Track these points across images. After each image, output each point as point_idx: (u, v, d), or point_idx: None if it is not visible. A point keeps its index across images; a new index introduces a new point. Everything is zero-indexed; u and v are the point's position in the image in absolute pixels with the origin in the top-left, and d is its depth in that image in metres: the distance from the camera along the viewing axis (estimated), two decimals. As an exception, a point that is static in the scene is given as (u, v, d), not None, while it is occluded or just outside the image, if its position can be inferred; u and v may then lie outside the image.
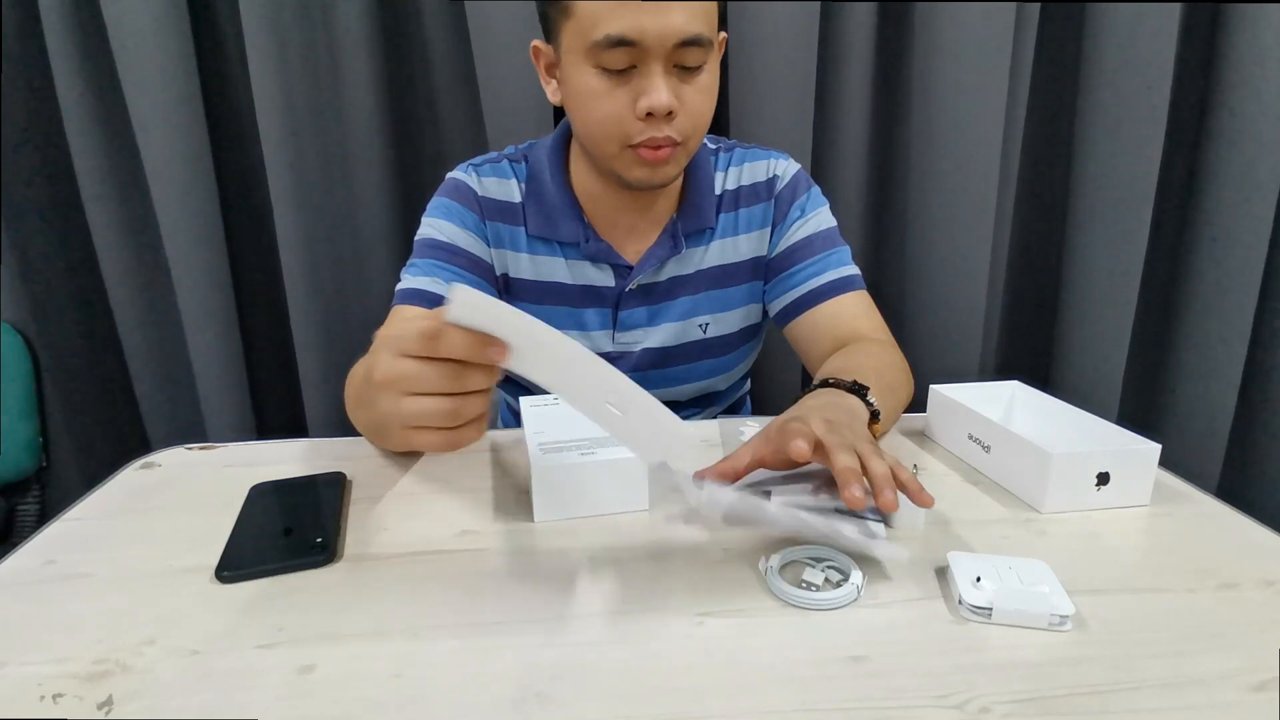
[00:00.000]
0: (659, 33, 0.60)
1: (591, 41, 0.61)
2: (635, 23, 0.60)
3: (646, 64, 0.62)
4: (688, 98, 0.64)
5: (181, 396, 1.23)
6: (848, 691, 0.36)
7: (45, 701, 0.36)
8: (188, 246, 1.11)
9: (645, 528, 0.52)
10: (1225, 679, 0.37)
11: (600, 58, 0.62)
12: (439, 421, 0.41)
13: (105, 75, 1.06)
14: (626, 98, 0.64)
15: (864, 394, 0.59)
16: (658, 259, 0.77)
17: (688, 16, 0.61)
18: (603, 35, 0.60)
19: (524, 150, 0.79)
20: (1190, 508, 0.55)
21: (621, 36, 0.60)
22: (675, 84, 0.64)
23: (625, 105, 0.64)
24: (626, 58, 0.62)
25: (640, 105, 0.63)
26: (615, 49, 0.61)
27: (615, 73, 0.63)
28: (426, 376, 0.40)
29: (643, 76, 0.63)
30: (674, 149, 0.66)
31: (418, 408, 0.41)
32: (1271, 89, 1.14)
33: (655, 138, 0.65)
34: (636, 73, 0.63)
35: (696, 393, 0.86)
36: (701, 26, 0.62)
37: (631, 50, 0.61)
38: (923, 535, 0.51)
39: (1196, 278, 1.28)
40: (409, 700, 0.36)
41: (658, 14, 0.60)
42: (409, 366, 0.40)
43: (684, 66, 0.63)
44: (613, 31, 0.60)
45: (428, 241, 0.75)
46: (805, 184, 0.81)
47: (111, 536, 0.52)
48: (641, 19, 0.60)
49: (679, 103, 0.64)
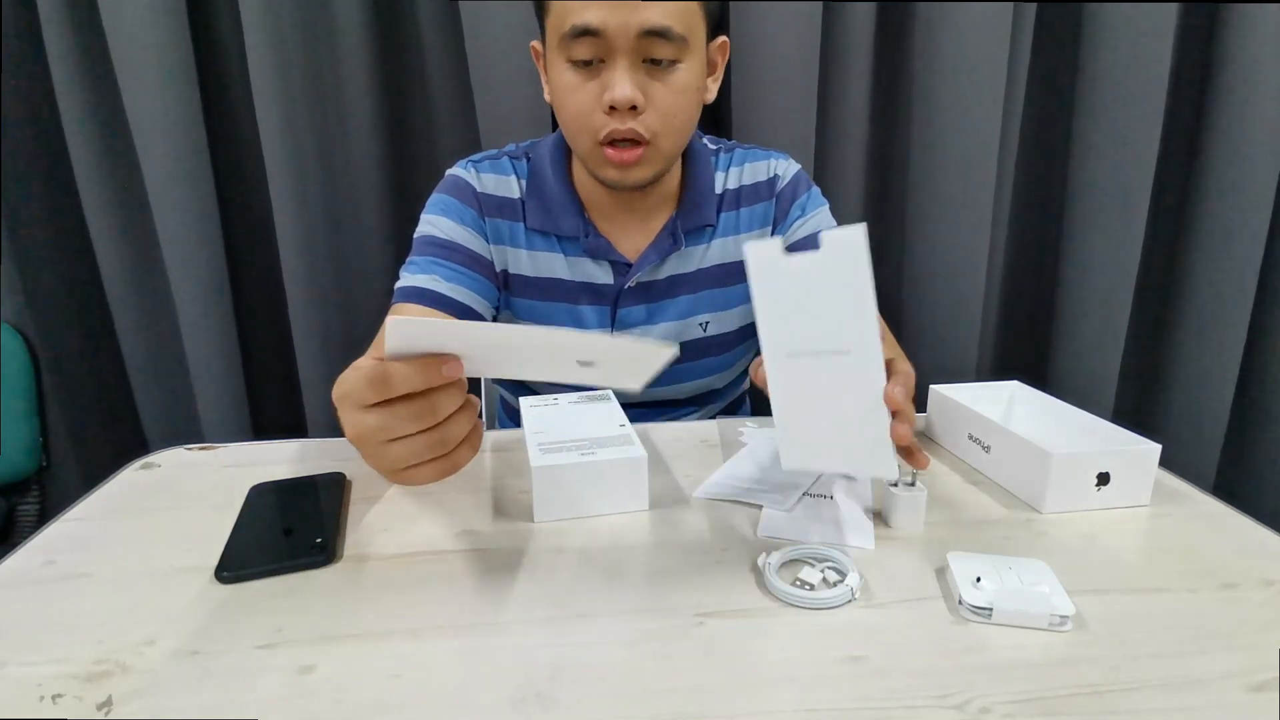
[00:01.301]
0: (621, 22, 0.61)
1: (561, 34, 0.63)
2: (599, 14, 0.61)
3: (612, 57, 0.63)
4: (656, 94, 0.65)
5: (179, 397, 1.23)
6: (848, 691, 0.36)
7: (45, 702, 0.36)
8: (186, 246, 1.11)
9: (645, 528, 0.52)
10: (1225, 679, 0.37)
11: (570, 50, 0.63)
12: (428, 455, 0.40)
13: (104, 76, 1.06)
14: (595, 91, 0.64)
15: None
16: (657, 257, 0.77)
17: (657, 11, 0.61)
18: (569, 26, 0.62)
19: (525, 148, 0.80)
20: (1190, 508, 0.55)
21: (586, 26, 0.61)
22: (643, 79, 0.64)
23: (593, 99, 0.65)
24: (591, 49, 0.63)
25: (604, 98, 0.63)
26: (580, 39, 0.62)
27: (586, 68, 0.64)
28: (394, 422, 0.39)
29: (608, 70, 0.63)
30: (642, 150, 0.66)
31: (401, 451, 0.40)
32: (1268, 90, 1.14)
33: (618, 130, 0.65)
34: (604, 66, 0.64)
35: (695, 391, 0.86)
36: (670, 20, 0.62)
37: (596, 41, 0.62)
38: (923, 535, 0.51)
39: (1193, 278, 1.28)
40: (409, 700, 0.36)
41: (624, 6, 0.60)
42: (373, 419, 0.39)
43: (653, 62, 0.64)
44: (578, 22, 0.61)
45: (427, 239, 0.75)
46: (806, 184, 0.81)
47: (111, 536, 0.51)
48: (605, 11, 0.61)
49: (645, 98, 0.64)
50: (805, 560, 0.47)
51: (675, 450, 0.65)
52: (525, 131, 1.06)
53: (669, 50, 0.63)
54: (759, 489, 0.57)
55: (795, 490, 0.57)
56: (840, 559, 0.46)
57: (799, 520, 0.52)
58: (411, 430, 0.40)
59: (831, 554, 0.47)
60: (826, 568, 0.46)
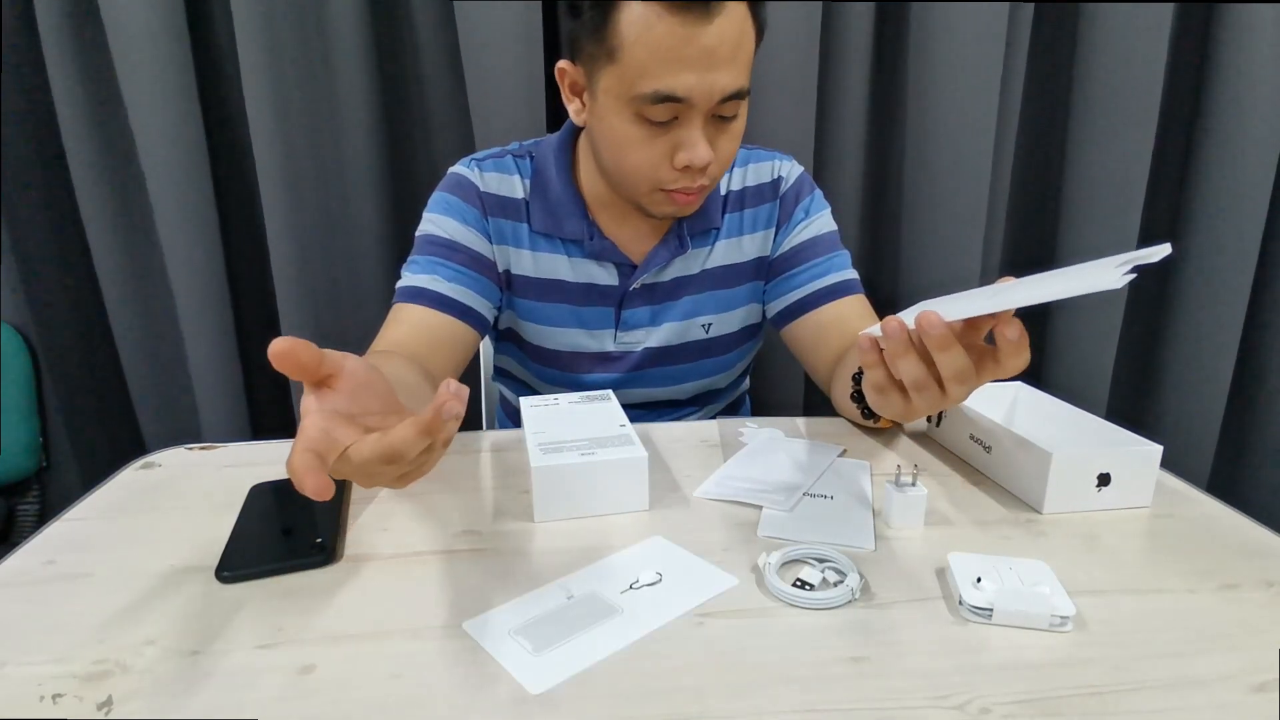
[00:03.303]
0: (706, 91, 0.60)
1: (637, 93, 0.60)
2: (688, 83, 0.59)
3: (689, 118, 0.62)
4: (721, 145, 0.65)
5: (177, 397, 1.23)
6: (848, 691, 0.36)
7: (45, 702, 0.36)
8: (184, 246, 1.11)
9: (645, 528, 0.52)
10: (1225, 680, 0.37)
11: (644, 110, 0.61)
12: (392, 475, 0.36)
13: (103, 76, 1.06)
14: (665, 148, 0.64)
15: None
16: (662, 259, 0.77)
17: (735, 73, 0.60)
18: (651, 90, 0.60)
19: (529, 147, 0.79)
20: (1191, 509, 0.55)
21: (671, 94, 0.60)
22: (712, 133, 0.64)
23: (663, 155, 0.64)
24: (670, 112, 0.61)
25: (679, 158, 0.63)
26: (661, 104, 0.60)
27: (655, 124, 0.62)
28: (383, 475, 0.36)
29: (683, 128, 0.62)
30: (701, 189, 0.67)
31: (377, 480, 0.37)
32: (1263, 90, 1.14)
33: (690, 186, 0.65)
34: (676, 123, 0.62)
35: (696, 391, 0.86)
36: (745, 79, 0.62)
37: (676, 105, 0.61)
38: (923, 535, 0.51)
39: (1188, 276, 1.28)
40: (409, 700, 0.36)
41: (706, 71, 0.59)
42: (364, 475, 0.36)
43: (722, 117, 0.63)
44: (662, 88, 0.59)
45: (428, 238, 0.75)
46: (809, 186, 0.81)
47: (111, 536, 0.51)
48: (690, 78, 0.59)
49: (714, 152, 0.64)
50: (805, 560, 0.47)
51: (675, 450, 0.65)
52: (520, 133, 1.06)
53: (738, 108, 0.63)
54: (759, 489, 0.57)
55: (795, 490, 0.57)
56: (840, 559, 0.46)
57: (799, 520, 0.52)
58: (397, 472, 0.36)
59: (831, 554, 0.47)
60: (826, 568, 0.46)
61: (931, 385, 0.42)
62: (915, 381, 0.42)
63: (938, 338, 0.40)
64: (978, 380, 0.42)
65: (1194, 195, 1.24)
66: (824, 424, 0.72)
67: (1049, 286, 0.38)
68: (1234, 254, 1.22)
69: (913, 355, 0.42)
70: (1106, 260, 0.38)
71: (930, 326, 0.40)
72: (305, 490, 0.31)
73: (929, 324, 0.40)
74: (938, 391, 0.43)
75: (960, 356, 0.41)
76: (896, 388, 0.45)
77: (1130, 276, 0.35)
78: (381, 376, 0.40)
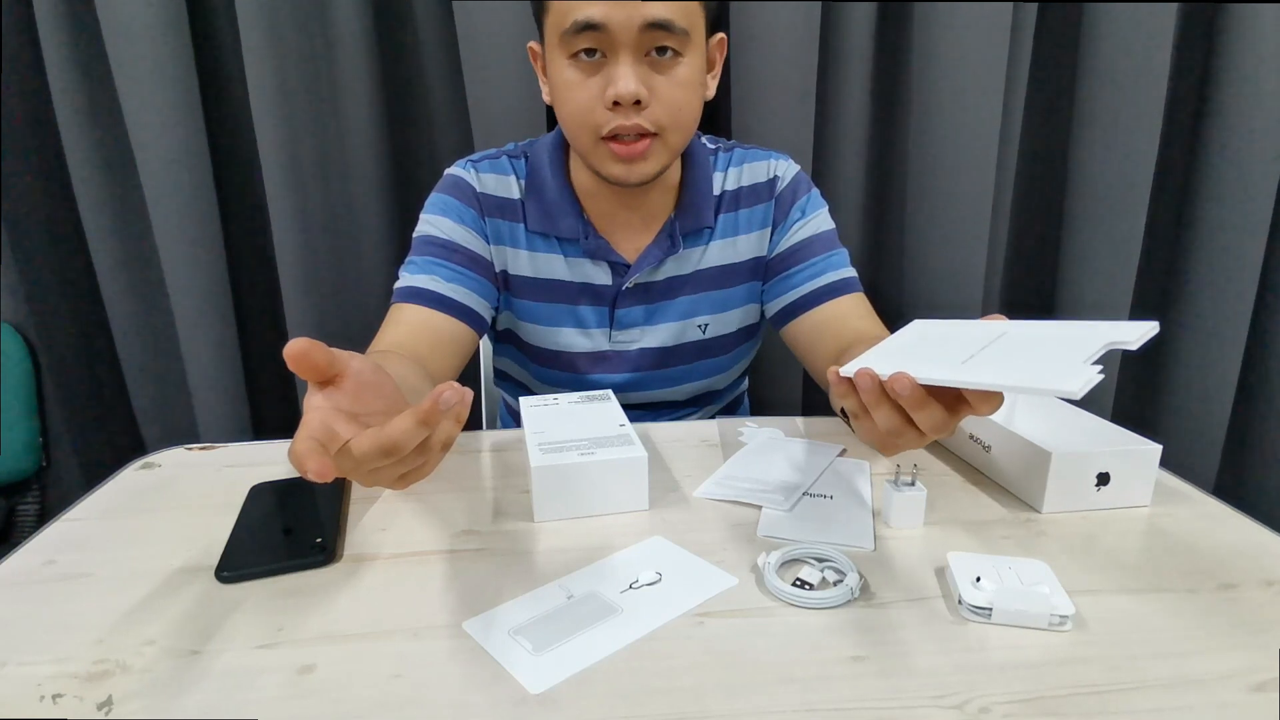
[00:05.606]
0: (624, 16, 0.61)
1: (562, 30, 0.62)
2: (601, 8, 0.61)
3: (615, 52, 0.63)
4: (661, 88, 0.65)
5: (177, 397, 1.22)
6: (848, 691, 0.36)
7: (45, 701, 0.36)
8: (183, 246, 1.11)
9: (645, 527, 0.52)
10: (1225, 679, 0.37)
11: (571, 45, 0.63)
12: (393, 472, 0.36)
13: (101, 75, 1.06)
14: (597, 87, 0.64)
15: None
16: (655, 258, 0.77)
17: (659, 5, 0.61)
18: (570, 22, 0.62)
19: (524, 147, 0.79)
20: (1190, 508, 0.55)
21: (588, 20, 0.61)
22: (646, 73, 0.64)
23: (595, 95, 0.64)
24: (594, 42, 0.62)
25: (608, 94, 0.63)
26: (582, 34, 0.62)
27: (588, 63, 0.64)
28: (384, 470, 0.36)
29: (611, 65, 0.63)
30: (649, 143, 0.66)
31: (378, 479, 0.37)
32: (1267, 89, 1.14)
33: (624, 125, 0.65)
34: (606, 61, 0.64)
35: (695, 392, 0.86)
36: (672, 14, 0.62)
37: (599, 35, 0.62)
38: (922, 535, 0.51)
39: (1192, 277, 1.28)
40: (409, 700, 0.36)
41: (626, 3, 0.60)
42: (362, 470, 0.35)
43: (658, 51, 0.64)
44: (580, 17, 0.61)
45: (426, 239, 0.75)
46: (806, 185, 0.81)
47: (111, 536, 0.52)
48: (607, 5, 0.61)
49: (649, 92, 0.64)
50: (805, 560, 0.47)
51: (675, 450, 0.65)
52: (520, 132, 1.06)
53: (672, 41, 0.63)
54: (759, 489, 0.57)
55: (795, 490, 0.57)
56: (840, 559, 0.46)
57: (799, 520, 0.52)
58: (397, 471, 0.36)
59: (831, 554, 0.47)
60: (826, 567, 0.46)
61: (908, 431, 0.42)
62: (891, 429, 0.42)
63: (910, 399, 0.40)
64: (955, 422, 0.42)
65: (1198, 195, 1.24)
66: (824, 424, 0.72)
67: (1017, 372, 0.38)
68: (1239, 254, 1.22)
69: (887, 406, 0.42)
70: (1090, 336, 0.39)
71: (903, 389, 0.40)
72: (307, 473, 0.32)
73: (901, 387, 0.39)
74: (915, 435, 0.42)
75: (936, 412, 0.40)
76: (872, 418, 0.45)
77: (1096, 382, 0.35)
78: (388, 377, 0.40)
